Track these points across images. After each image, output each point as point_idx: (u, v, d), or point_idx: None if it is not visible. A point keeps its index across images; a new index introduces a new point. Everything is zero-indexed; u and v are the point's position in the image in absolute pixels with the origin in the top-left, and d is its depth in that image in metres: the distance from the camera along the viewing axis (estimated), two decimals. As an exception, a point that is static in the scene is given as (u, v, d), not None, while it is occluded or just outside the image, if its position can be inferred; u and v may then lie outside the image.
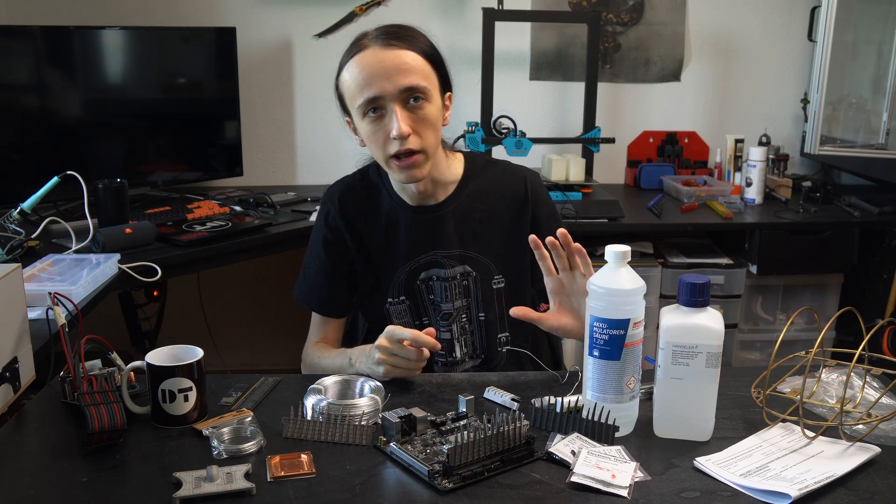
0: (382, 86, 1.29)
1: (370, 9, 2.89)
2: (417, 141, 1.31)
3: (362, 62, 1.31)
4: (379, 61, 1.29)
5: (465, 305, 1.47)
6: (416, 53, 1.32)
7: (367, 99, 1.30)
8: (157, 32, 2.65)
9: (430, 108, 1.33)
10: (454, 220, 1.44)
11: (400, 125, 1.29)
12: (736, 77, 3.07)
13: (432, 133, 1.34)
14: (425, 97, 1.32)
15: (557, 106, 3.03)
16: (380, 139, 1.33)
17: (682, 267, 2.55)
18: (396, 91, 1.29)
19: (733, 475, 0.96)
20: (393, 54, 1.30)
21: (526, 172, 1.52)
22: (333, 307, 1.51)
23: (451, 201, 1.45)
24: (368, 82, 1.29)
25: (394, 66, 1.29)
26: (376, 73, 1.29)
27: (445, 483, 0.94)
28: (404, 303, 1.47)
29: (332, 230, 1.47)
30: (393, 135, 1.30)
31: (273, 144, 3.00)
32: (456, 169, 1.47)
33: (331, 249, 1.48)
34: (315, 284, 1.50)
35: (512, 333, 1.50)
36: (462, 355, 1.49)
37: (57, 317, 1.21)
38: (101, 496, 0.93)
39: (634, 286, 1.05)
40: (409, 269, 1.45)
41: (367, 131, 1.34)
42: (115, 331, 2.77)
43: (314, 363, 1.46)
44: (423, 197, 1.44)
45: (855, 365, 1.03)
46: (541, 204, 1.49)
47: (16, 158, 2.35)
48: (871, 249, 2.58)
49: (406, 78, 1.29)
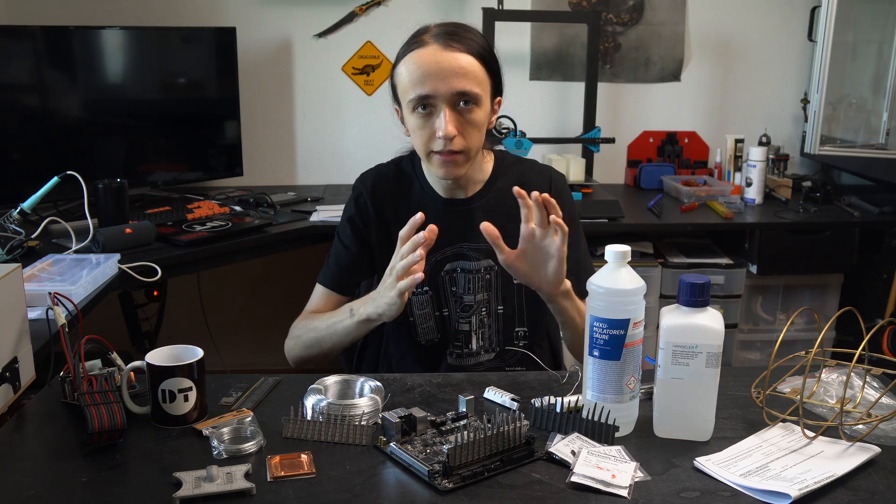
0: (436, 86, 1.32)
1: (370, 9, 2.89)
2: (461, 142, 1.35)
3: (420, 59, 1.34)
4: (437, 61, 1.32)
5: (485, 299, 1.49)
6: (474, 58, 1.35)
7: (418, 95, 1.33)
8: (157, 32, 2.65)
9: (479, 113, 1.36)
10: (483, 214, 1.46)
11: (447, 127, 1.32)
12: (736, 77, 3.07)
13: (477, 136, 1.38)
14: (475, 102, 1.35)
15: (557, 106, 3.03)
16: (425, 135, 1.36)
17: (682, 267, 2.55)
18: (449, 93, 1.32)
19: (733, 475, 0.96)
20: (451, 56, 1.33)
21: (552, 172, 1.56)
22: (339, 281, 1.52)
23: (481, 196, 1.49)
24: (423, 80, 1.32)
25: (450, 68, 1.32)
26: (432, 73, 1.32)
27: (445, 483, 0.94)
28: (427, 293, 1.48)
29: (361, 212, 1.51)
30: (439, 135, 1.33)
31: (273, 144, 3.00)
32: (486, 166, 1.51)
33: (356, 229, 1.51)
34: (332, 262, 1.53)
35: (530, 328, 1.51)
36: (478, 347, 1.50)
37: (57, 317, 1.21)
38: (101, 496, 0.93)
39: (634, 286, 1.05)
40: (435, 259, 1.47)
41: (415, 125, 1.37)
42: (115, 331, 2.77)
43: (307, 326, 1.45)
44: (454, 190, 1.48)
45: (855, 365, 1.03)
46: (563, 204, 1.51)
47: (16, 158, 2.35)
48: (871, 249, 2.58)
49: (460, 82, 1.32)
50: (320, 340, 1.43)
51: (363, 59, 2.94)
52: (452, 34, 1.35)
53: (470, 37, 1.37)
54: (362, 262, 1.51)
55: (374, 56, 2.93)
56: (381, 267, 1.50)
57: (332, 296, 1.51)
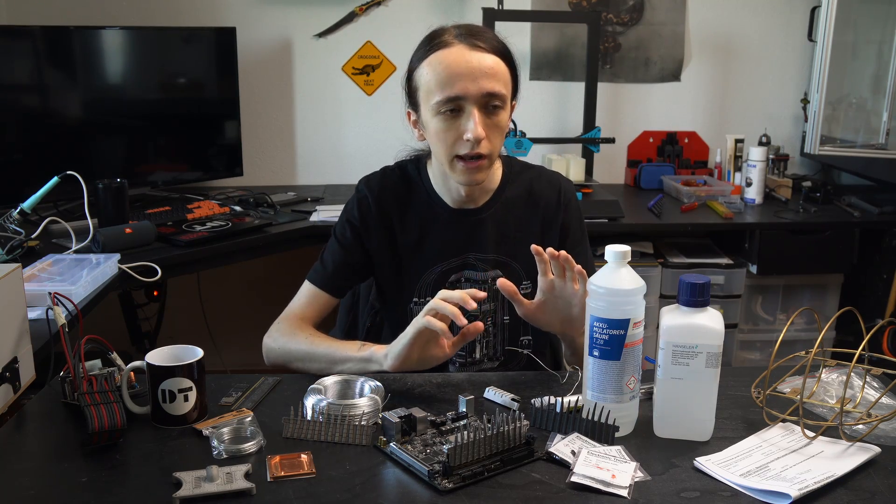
0: (466, 86, 1.28)
1: (370, 9, 2.89)
2: (488, 146, 1.32)
3: (447, 59, 1.30)
4: (466, 61, 1.29)
5: (491, 309, 1.47)
6: (500, 59, 1.32)
7: (447, 97, 1.29)
8: (157, 32, 2.65)
9: (504, 115, 1.34)
10: (492, 225, 1.45)
11: (477, 129, 1.29)
12: (736, 77, 3.07)
13: (500, 140, 1.35)
14: (503, 105, 1.32)
15: (557, 106, 3.03)
16: (450, 138, 1.32)
17: (682, 267, 2.55)
18: (479, 94, 1.29)
19: (733, 475, 0.96)
20: (480, 56, 1.30)
21: (561, 180, 1.53)
22: (330, 282, 1.47)
23: (490, 206, 1.46)
24: (452, 81, 1.29)
25: (480, 68, 1.29)
26: (462, 73, 1.28)
27: (445, 483, 0.94)
28: None
29: (363, 215, 1.46)
30: (467, 136, 1.29)
31: (273, 144, 3.00)
32: (496, 174, 1.48)
33: (355, 232, 1.47)
34: (326, 262, 1.49)
35: (535, 336, 1.50)
36: (482, 356, 1.49)
37: (57, 317, 1.21)
38: (101, 496, 0.93)
39: (634, 286, 1.05)
40: (442, 270, 1.45)
41: (439, 128, 1.32)
42: (115, 331, 2.77)
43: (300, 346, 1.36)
44: (464, 201, 1.44)
45: (855, 365, 1.03)
46: (571, 213, 1.51)
47: (16, 158, 2.35)
48: (871, 249, 2.58)
49: (490, 83, 1.29)
50: (312, 359, 1.34)
51: (363, 59, 2.94)
52: (475, 34, 1.32)
53: (492, 37, 1.35)
54: (357, 264, 1.48)
55: (374, 56, 2.93)
56: (377, 272, 1.49)
57: (321, 296, 1.46)
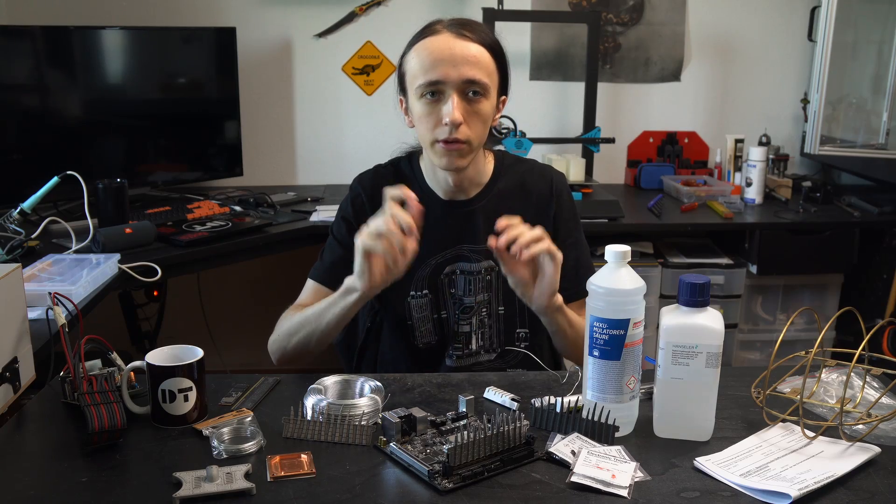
0: (446, 72, 1.31)
1: (370, 9, 2.89)
2: (466, 132, 1.34)
3: (432, 45, 1.34)
4: (449, 48, 1.33)
5: (486, 300, 1.48)
6: (486, 50, 1.35)
7: (428, 81, 1.33)
8: (157, 32, 2.65)
9: (485, 105, 1.36)
10: (484, 216, 1.46)
11: (454, 112, 1.31)
12: (736, 77, 3.07)
13: (481, 128, 1.37)
14: (483, 93, 1.34)
15: (557, 106, 3.03)
16: (431, 122, 1.35)
17: (682, 267, 2.55)
18: (459, 80, 1.32)
19: (733, 475, 0.96)
20: (463, 44, 1.33)
21: (552, 173, 1.55)
22: (329, 277, 1.48)
23: (481, 197, 1.48)
24: (434, 66, 1.32)
25: (462, 55, 1.32)
26: (444, 59, 1.32)
27: (445, 483, 0.94)
28: (426, 296, 1.47)
29: (357, 212, 1.48)
30: (445, 121, 1.32)
31: (273, 144, 3.00)
32: (487, 167, 1.50)
33: (350, 228, 1.47)
34: (325, 258, 1.51)
35: (531, 330, 1.51)
36: (478, 348, 1.49)
37: (57, 317, 1.21)
38: (101, 496, 0.93)
39: (634, 286, 1.05)
40: (435, 262, 1.47)
41: (421, 112, 1.36)
42: (115, 331, 2.77)
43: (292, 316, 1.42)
44: (455, 191, 1.47)
45: (855, 365, 1.03)
46: (563, 204, 1.52)
47: (16, 158, 2.35)
48: (871, 249, 2.58)
49: (471, 70, 1.32)
50: (305, 322, 1.38)
51: (363, 59, 2.94)
52: (465, 25, 1.36)
53: (483, 30, 1.38)
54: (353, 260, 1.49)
55: (374, 56, 2.93)
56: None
57: (322, 291, 1.48)
